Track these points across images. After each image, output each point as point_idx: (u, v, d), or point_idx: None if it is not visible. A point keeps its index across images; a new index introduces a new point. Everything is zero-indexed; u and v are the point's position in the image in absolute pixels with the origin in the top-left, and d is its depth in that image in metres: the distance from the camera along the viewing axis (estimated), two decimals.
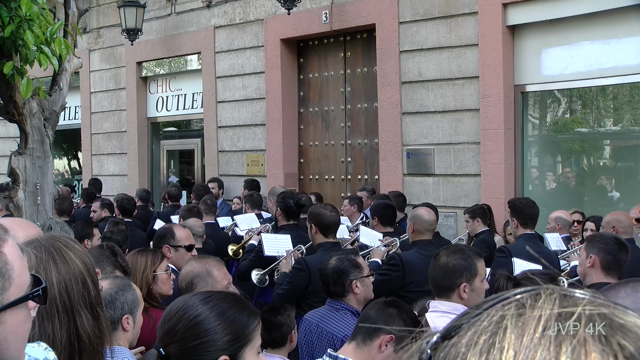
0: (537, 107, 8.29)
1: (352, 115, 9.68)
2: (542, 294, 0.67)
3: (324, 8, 9.39)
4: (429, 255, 4.76)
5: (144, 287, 3.66)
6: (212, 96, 10.93)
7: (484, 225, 6.60)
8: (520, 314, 0.65)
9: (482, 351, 0.63)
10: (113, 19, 12.14)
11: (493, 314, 0.67)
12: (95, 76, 12.94)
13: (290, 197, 6.17)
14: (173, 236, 4.80)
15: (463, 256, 3.33)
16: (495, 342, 0.63)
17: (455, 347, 0.66)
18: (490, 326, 0.65)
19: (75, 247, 2.02)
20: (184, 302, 2.07)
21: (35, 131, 5.52)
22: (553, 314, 0.64)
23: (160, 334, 2.04)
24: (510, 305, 0.67)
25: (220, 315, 1.99)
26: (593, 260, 4.09)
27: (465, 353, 0.64)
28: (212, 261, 3.39)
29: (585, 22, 7.42)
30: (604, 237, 4.31)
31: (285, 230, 5.87)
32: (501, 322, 0.65)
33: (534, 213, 5.53)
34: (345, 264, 3.87)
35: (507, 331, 0.64)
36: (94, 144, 13.03)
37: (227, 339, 1.96)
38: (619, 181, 7.84)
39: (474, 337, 0.65)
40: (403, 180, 8.68)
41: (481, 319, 0.67)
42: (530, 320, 0.64)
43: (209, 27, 10.90)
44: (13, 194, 5.43)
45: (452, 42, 8.21)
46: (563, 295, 0.66)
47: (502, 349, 0.62)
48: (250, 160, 10.48)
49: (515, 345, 0.62)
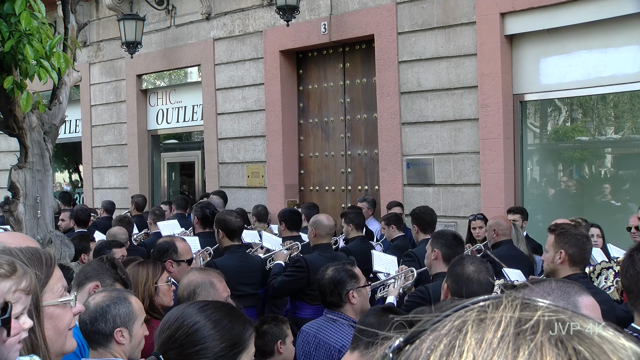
0: (536, 116, 8.30)
1: (351, 125, 9.70)
2: (503, 300, 0.68)
3: (322, 19, 9.42)
4: (330, 256, 5.75)
5: (147, 299, 3.66)
6: (212, 108, 10.95)
7: (398, 232, 6.98)
8: (481, 319, 0.66)
9: (442, 354, 0.64)
10: (113, 32, 12.19)
11: (455, 319, 0.68)
12: (96, 89, 12.98)
13: (207, 207, 6.90)
14: (176, 251, 4.81)
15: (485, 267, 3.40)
16: (455, 346, 0.64)
17: (416, 350, 0.67)
18: (451, 331, 0.66)
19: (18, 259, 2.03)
20: (182, 311, 2.18)
21: (35, 145, 5.53)
22: (513, 319, 0.65)
23: (160, 341, 2.14)
24: (472, 311, 0.68)
25: (217, 324, 2.10)
26: (437, 254, 4.74)
27: (426, 357, 0.65)
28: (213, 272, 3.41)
29: (583, 31, 7.44)
30: (445, 233, 4.98)
31: (201, 237, 6.49)
32: (462, 327, 0.66)
33: (433, 220, 6.39)
34: (341, 274, 3.87)
35: (467, 335, 0.65)
36: (94, 156, 13.04)
37: (224, 346, 2.07)
38: (619, 189, 7.83)
39: (435, 341, 0.66)
40: (403, 191, 8.68)
41: (443, 324, 0.68)
42: (490, 324, 0.65)
43: (208, 39, 10.93)
44: (13, 207, 5.44)
45: (451, 52, 8.23)
46: (524, 302, 0.67)
47: (462, 352, 0.63)
48: (251, 172, 10.49)
49: (474, 349, 0.63)
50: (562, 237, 4.05)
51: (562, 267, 4.01)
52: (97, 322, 2.79)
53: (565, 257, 3.99)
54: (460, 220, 8.02)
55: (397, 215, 7.34)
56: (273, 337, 3.71)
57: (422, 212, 6.36)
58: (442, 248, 4.73)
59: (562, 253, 4.00)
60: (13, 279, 1.70)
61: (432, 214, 6.45)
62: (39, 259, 2.06)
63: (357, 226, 6.84)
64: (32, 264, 2.02)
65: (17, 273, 1.72)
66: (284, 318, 3.92)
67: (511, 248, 5.96)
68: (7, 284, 1.68)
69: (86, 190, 13.27)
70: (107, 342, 2.80)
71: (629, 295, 2.70)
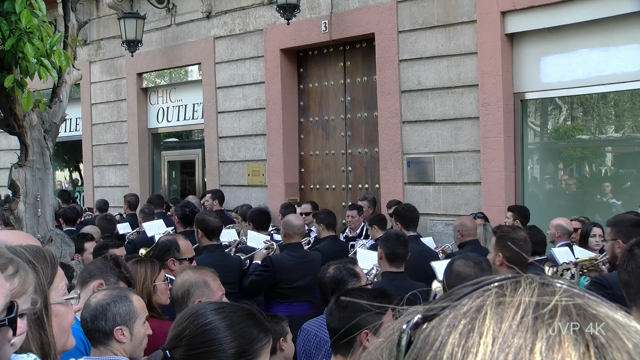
0: (537, 114, 8.30)
1: (352, 124, 9.70)
2: (522, 282, 0.69)
3: (323, 18, 9.42)
4: (298, 256, 5.93)
5: (145, 298, 3.61)
6: (212, 106, 10.95)
7: (381, 232, 7.03)
8: (500, 301, 0.66)
9: (461, 334, 0.64)
10: (113, 30, 12.19)
11: (474, 299, 0.68)
12: (96, 88, 12.97)
13: (187, 206, 7.09)
14: (178, 249, 4.82)
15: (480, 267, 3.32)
16: (474, 327, 0.65)
17: (435, 329, 0.67)
18: (470, 311, 0.67)
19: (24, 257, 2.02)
20: (197, 309, 2.07)
21: (35, 143, 5.53)
22: (532, 303, 0.65)
23: (169, 336, 2.05)
24: (491, 291, 0.68)
25: (230, 327, 1.97)
26: (381, 254, 4.97)
27: (445, 336, 0.65)
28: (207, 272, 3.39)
29: (584, 29, 7.44)
30: (388, 234, 5.24)
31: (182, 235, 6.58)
32: (481, 307, 0.66)
33: (415, 217, 6.51)
34: (343, 273, 3.88)
35: (486, 317, 0.65)
36: (95, 155, 13.04)
37: (233, 352, 1.94)
38: (620, 188, 7.83)
39: (454, 320, 0.66)
40: (404, 189, 8.68)
41: (462, 303, 0.68)
42: (509, 307, 0.65)
43: (208, 37, 10.93)
44: (14, 206, 5.44)
45: (451, 50, 8.23)
46: (542, 284, 0.68)
47: (481, 333, 0.64)
48: (251, 171, 10.49)
49: (494, 331, 0.63)
50: (501, 241, 4.29)
51: (500, 268, 4.22)
52: (97, 320, 2.79)
53: (502, 260, 4.21)
54: None
55: (380, 216, 7.50)
56: (275, 335, 3.69)
57: (405, 210, 6.51)
58: (384, 248, 4.94)
59: (500, 256, 4.23)
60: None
61: (414, 212, 6.59)
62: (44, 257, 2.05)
63: (328, 226, 7.00)
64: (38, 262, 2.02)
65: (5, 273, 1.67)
66: (283, 316, 3.91)
67: (476, 248, 6.03)
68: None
69: (86, 189, 13.27)
70: (107, 341, 2.80)
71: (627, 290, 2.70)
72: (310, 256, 6.14)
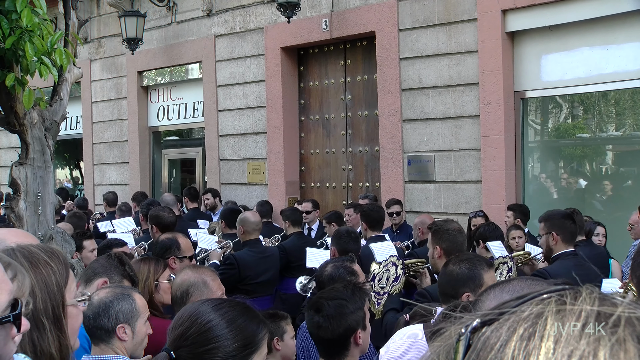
0: (538, 113, 8.30)
1: (352, 122, 9.70)
2: (582, 292, 0.70)
3: (323, 16, 9.41)
4: (259, 251, 6.04)
5: (146, 296, 3.60)
6: (213, 105, 10.95)
7: None
8: (560, 308, 0.68)
9: (522, 337, 0.66)
10: (114, 28, 12.18)
11: (534, 305, 0.70)
12: (97, 86, 12.97)
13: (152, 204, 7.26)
14: (179, 247, 4.82)
15: (469, 266, 3.28)
16: (535, 331, 0.66)
17: (495, 332, 0.69)
18: (531, 316, 0.68)
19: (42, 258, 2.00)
20: (196, 308, 2.14)
21: (36, 141, 5.53)
22: (593, 312, 0.66)
23: (172, 337, 2.11)
24: (551, 299, 0.70)
25: (231, 323, 2.06)
26: (333, 251, 5.17)
27: (506, 339, 0.67)
28: (207, 271, 3.39)
29: (585, 27, 7.43)
30: (339, 231, 5.43)
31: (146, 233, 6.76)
32: (542, 313, 0.68)
33: (381, 217, 6.55)
34: (341, 271, 3.89)
35: (547, 321, 0.66)
36: (95, 153, 13.05)
37: (237, 346, 2.04)
38: (620, 186, 7.83)
39: (515, 325, 0.68)
40: (404, 187, 8.68)
41: (522, 309, 0.70)
42: (570, 314, 0.66)
43: (209, 35, 10.93)
44: (14, 204, 5.44)
45: (452, 48, 8.22)
46: (602, 296, 0.69)
47: (543, 337, 0.65)
48: (252, 169, 10.49)
49: (556, 335, 0.65)
50: (437, 234, 4.46)
51: (439, 260, 4.35)
52: (99, 317, 2.79)
53: (440, 252, 4.40)
54: (461, 217, 8.01)
55: (338, 213, 7.70)
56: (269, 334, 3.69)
57: (370, 210, 6.58)
58: (337, 245, 5.13)
59: (438, 248, 4.42)
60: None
61: (380, 212, 6.66)
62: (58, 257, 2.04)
63: (294, 223, 7.21)
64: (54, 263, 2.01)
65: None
66: (283, 314, 3.88)
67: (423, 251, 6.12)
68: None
69: (87, 187, 13.27)
70: (109, 338, 2.80)
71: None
72: (269, 251, 6.37)
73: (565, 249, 4.69)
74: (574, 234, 4.89)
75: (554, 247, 4.72)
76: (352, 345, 2.95)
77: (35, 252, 1.99)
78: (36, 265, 1.97)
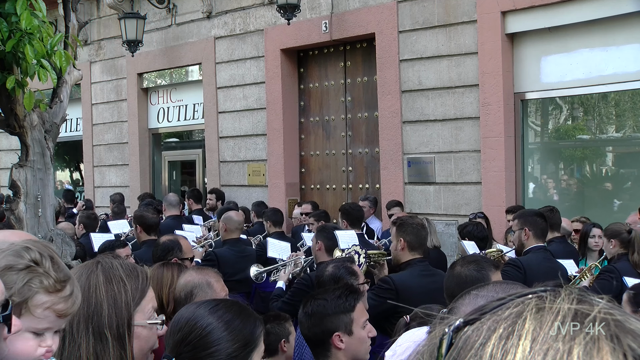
0: (537, 114, 8.30)
1: (352, 124, 9.70)
2: (561, 292, 0.72)
3: (323, 18, 9.42)
4: (239, 250, 6.27)
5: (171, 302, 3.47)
6: (213, 107, 10.95)
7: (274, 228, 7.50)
8: (539, 307, 0.70)
9: (501, 337, 0.68)
10: (114, 30, 12.19)
11: (514, 305, 0.72)
12: (97, 88, 12.98)
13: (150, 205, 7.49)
14: (180, 249, 4.81)
15: (477, 267, 3.26)
16: (514, 330, 0.68)
17: (476, 331, 0.71)
18: (510, 316, 0.70)
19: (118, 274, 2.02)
20: (192, 312, 2.16)
21: (36, 143, 5.53)
22: (570, 311, 0.68)
23: (172, 344, 2.12)
24: (531, 299, 0.72)
25: (229, 325, 2.10)
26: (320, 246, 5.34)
27: (486, 337, 0.69)
28: (211, 272, 3.38)
29: (584, 29, 7.44)
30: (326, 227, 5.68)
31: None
32: (521, 313, 0.70)
33: (360, 215, 6.98)
34: (342, 272, 3.93)
35: (526, 321, 0.68)
36: (95, 155, 13.05)
37: (237, 346, 2.08)
38: (621, 188, 7.83)
39: (495, 324, 0.70)
40: (404, 189, 8.68)
41: (502, 309, 0.72)
42: (548, 313, 0.69)
43: (209, 37, 10.93)
44: (14, 206, 5.44)
45: (452, 50, 8.23)
46: (581, 296, 0.71)
47: (520, 336, 0.67)
48: (252, 171, 10.49)
49: (533, 334, 0.67)
50: (400, 227, 4.73)
51: (402, 253, 4.68)
52: None
53: (404, 244, 4.66)
54: (461, 219, 8.01)
55: (325, 212, 7.96)
56: (277, 336, 3.68)
57: (350, 208, 6.94)
58: (324, 240, 5.36)
59: (402, 241, 4.67)
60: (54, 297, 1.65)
61: (359, 210, 7.05)
62: (136, 276, 2.05)
63: (275, 223, 7.50)
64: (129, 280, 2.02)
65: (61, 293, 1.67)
66: (286, 316, 3.89)
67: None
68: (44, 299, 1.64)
69: (87, 189, 13.28)
70: None
71: None
72: (248, 251, 6.60)
73: (536, 244, 5.06)
74: (545, 230, 5.22)
75: (525, 242, 5.10)
76: (333, 348, 2.92)
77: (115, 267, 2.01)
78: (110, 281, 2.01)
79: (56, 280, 1.66)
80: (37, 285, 1.63)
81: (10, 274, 1.61)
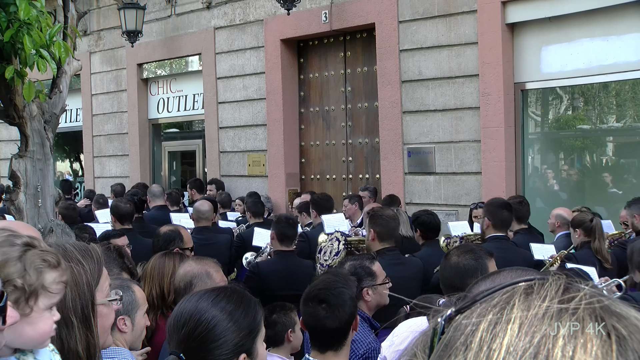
0: (538, 104, 8.29)
1: (352, 114, 9.69)
2: (549, 279, 0.75)
3: (323, 8, 9.39)
4: (204, 238, 6.42)
5: (172, 293, 3.47)
6: (212, 97, 10.94)
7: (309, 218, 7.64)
8: (527, 293, 0.73)
9: (490, 322, 0.71)
10: (113, 21, 12.16)
11: (503, 293, 0.75)
12: (96, 78, 12.96)
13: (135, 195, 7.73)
14: (181, 239, 4.82)
15: (474, 256, 3.27)
16: (503, 316, 0.71)
17: (467, 319, 0.74)
18: (500, 302, 0.73)
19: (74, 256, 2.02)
20: (195, 306, 2.15)
21: (35, 134, 5.53)
22: (557, 295, 0.72)
23: (177, 339, 2.12)
24: (520, 287, 0.75)
25: (232, 315, 2.12)
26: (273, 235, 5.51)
27: (476, 324, 0.72)
28: (210, 262, 3.38)
29: (585, 19, 7.41)
30: (279, 217, 5.81)
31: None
32: (510, 299, 0.73)
33: (330, 206, 7.24)
34: (358, 271, 3.86)
35: (514, 307, 0.72)
36: (95, 146, 13.05)
37: (243, 334, 2.11)
38: (621, 178, 7.82)
39: (485, 311, 0.73)
40: (404, 179, 8.68)
41: (492, 297, 0.75)
42: (536, 299, 0.72)
43: (209, 28, 10.91)
44: (14, 196, 5.44)
45: (452, 40, 8.21)
46: (568, 283, 0.74)
47: (509, 320, 0.70)
48: (252, 161, 10.49)
49: (521, 318, 0.70)
50: (372, 219, 4.94)
51: (373, 243, 4.88)
52: None
53: (374, 235, 4.86)
54: (461, 209, 8.03)
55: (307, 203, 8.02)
56: (283, 326, 3.68)
57: (320, 199, 7.26)
58: (275, 229, 5.51)
59: (372, 232, 4.87)
60: (58, 270, 1.71)
61: (329, 201, 7.32)
62: (91, 256, 2.06)
63: (255, 214, 7.59)
64: (86, 262, 2.02)
65: (62, 265, 1.73)
66: (291, 306, 3.85)
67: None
68: (53, 275, 1.69)
69: (87, 180, 13.28)
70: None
71: None
72: (216, 239, 6.75)
73: (494, 233, 5.29)
74: (506, 221, 5.40)
75: (485, 230, 5.39)
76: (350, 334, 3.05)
77: (69, 251, 2.01)
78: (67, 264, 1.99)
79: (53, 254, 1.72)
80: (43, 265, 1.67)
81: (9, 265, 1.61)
